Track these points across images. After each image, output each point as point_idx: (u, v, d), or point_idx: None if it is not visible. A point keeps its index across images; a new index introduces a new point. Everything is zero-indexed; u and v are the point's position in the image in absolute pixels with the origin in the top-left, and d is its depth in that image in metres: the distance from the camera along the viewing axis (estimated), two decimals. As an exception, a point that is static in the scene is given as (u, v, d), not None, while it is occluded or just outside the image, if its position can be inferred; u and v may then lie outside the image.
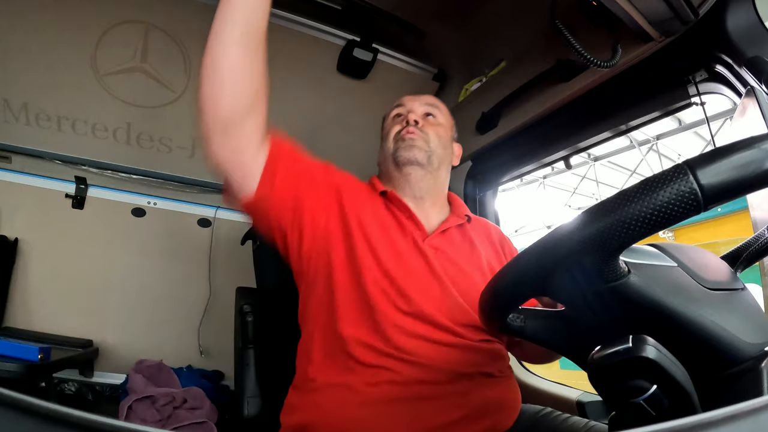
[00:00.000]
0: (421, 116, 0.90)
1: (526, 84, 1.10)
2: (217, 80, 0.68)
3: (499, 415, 0.72)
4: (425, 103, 0.93)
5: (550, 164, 1.38)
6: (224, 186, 0.79)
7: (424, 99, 0.94)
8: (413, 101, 0.93)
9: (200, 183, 1.78)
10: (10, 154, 1.56)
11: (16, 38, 1.28)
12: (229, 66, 0.69)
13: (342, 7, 1.35)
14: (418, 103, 0.93)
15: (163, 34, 1.33)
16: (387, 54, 1.45)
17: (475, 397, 0.69)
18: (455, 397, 0.68)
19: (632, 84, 0.97)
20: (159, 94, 1.47)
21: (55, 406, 0.18)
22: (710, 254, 0.48)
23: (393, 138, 0.89)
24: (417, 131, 0.87)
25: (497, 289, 0.45)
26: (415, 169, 0.87)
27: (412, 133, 0.87)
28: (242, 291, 1.10)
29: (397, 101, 0.96)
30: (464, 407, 0.68)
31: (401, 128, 0.89)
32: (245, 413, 0.90)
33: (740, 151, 0.31)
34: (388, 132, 0.92)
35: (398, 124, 0.90)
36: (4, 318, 1.51)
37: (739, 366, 0.37)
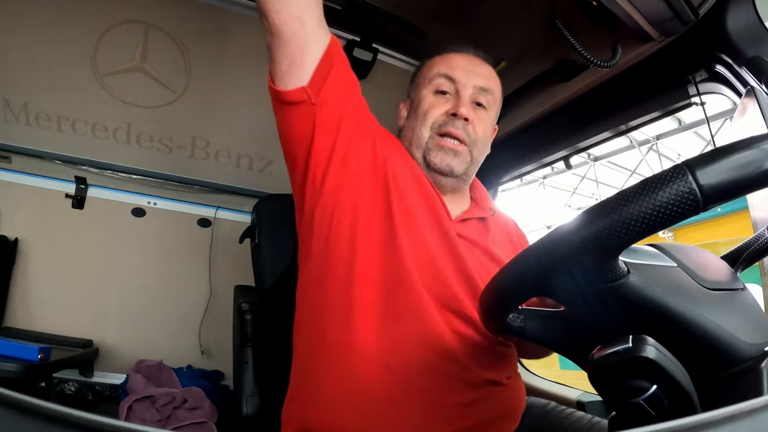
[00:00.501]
0: (472, 105, 0.75)
1: (526, 84, 1.10)
2: None
3: (503, 423, 0.71)
4: (481, 77, 0.76)
5: (550, 164, 1.38)
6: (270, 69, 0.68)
7: (480, 70, 0.77)
8: (468, 75, 0.75)
9: (200, 183, 1.78)
10: (10, 154, 1.56)
11: (16, 38, 1.28)
12: None
13: (342, 7, 1.35)
14: (474, 77, 0.75)
15: (163, 34, 1.33)
16: (387, 54, 1.45)
17: (481, 408, 0.67)
18: (461, 408, 0.65)
19: (632, 84, 0.97)
20: (159, 94, 1.47)
21: (55, 406, 0.18)
22: (710, 254, 0.48)
23: (430, 126, 0.75)
24: (463, 134, 0.74)
25: (497, 288, 0.45)
26: (448, 179, 0.76)
27: (457, 137, 0.74)
28: (241, 289, 1.10)
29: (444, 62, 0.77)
30: (469, 419, 0.65)
31: (445, 118, 0.74)
32: (244, 411, 0.90)
33: (740, 151, 0.31)
34: (426, 110, 0.75)
35: (441, 106, 0.75)
36: (4, 318, 1.51)
37: (739, 366, 0.37)
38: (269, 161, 1.75)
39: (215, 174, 1.76)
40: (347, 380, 0.65)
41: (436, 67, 0.78)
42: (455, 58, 0.78)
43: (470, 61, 0.78)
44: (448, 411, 0.64)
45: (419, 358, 0.64)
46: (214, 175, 1.76)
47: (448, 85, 0.76)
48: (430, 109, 0.76)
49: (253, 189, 1.82)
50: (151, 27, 1.31)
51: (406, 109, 0.84)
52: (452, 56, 0.79)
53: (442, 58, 0.80)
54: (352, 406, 0.64)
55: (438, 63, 0.79)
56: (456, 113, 0.73)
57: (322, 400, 0.67)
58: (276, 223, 0.89)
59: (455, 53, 0.80)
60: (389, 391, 0.64)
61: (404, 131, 0.82)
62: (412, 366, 0.64)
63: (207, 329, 1.77)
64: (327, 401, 0.67)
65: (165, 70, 1.42)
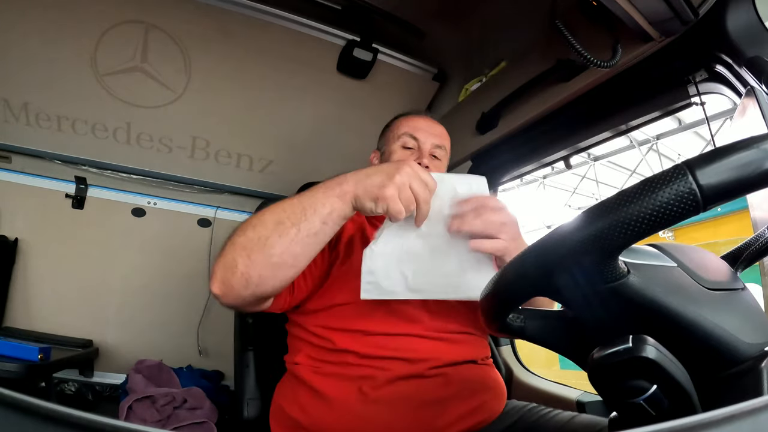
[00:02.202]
0: (431, 156, 0.91)
1: (526, 84, 1.10)
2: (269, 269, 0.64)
3: (487, 396, 0.77)
4: (436, 137, 0.93)
5: (550, 164, 1.38)
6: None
7: (434, 130, 0.94)
8: (427, 134, 0.92)
9: (200, 183, 1.78)
10: (10, 154, 1.57)
11: (16, 38, 1.28)
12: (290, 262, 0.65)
13: (342, 7, 1.35)
14: (431, 137, 0.92)
15: (163, 34, 1.33)
16: (387, 54, 1.45)
17: (461, 377, 0.75)
18: (442, 377, 0.74)
19: (632, 84, 0.97)
20: (159, 94, 1.47)
21: (55, 406, 0.18)
22: (710, 254, 0.48)
23: None
24: None
25: (497, 289, 0.45)
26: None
27: None
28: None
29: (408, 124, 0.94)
30: (452, 386, 0.73)
31: None
32: (245, 415, 0.90)
33: (740, 151, 0.31)
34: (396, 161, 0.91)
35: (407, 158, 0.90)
36: (4, 318, 1.51)
37: (739, 366, 0.37)
38: (269, 161, 1.75)
39: (215, 174, 1.76)
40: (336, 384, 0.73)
41: (402, 128, 0.94)
42: (417, 120, 0.95)
43: (428, 123, 0.95)
44: (432, 380, 0.73)
45: (399, 365, 0.73)
46: (214, 175, 1.76)
47: (412, 143, 0.92)
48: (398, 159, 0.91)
49: (253, 189, 1.82)
50: (151, 27, 1.31)
51: (377, 159, 0.99)
52: (415, 118, 0.96)
53: (407, 119, 0.96)
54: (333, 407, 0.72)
55: (404, 124, 0.95)
56: (420, 163, 0.88)
57: (304, 401, 0.74)
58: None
59: (416, 116, 0.97)
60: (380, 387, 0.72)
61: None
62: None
63: (206, 329, 1.77)
64: (309, 402, 0.73)
65: (165, 70, 1.42)
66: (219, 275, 0.65)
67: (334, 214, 0.63)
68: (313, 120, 1.64)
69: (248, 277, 0.63)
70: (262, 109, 1.59)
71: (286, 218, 0.63)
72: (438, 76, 1.56)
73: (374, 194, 0.62)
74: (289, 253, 0.63)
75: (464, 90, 1.43)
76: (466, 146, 1.33)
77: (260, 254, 0.62)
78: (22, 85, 1.39)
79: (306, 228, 0.62)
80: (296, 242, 0.62)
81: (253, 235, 0.63)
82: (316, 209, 0.63)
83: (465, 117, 1.31)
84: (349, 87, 1.52)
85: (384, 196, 0.61)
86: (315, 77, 1.49)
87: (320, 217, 0.63)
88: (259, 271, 0.63)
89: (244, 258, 0.63)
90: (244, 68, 1.45)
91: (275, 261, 0.63)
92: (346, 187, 0.63)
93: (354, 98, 1.57)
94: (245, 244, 0.63)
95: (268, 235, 0.62)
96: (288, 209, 0.63)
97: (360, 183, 0.63)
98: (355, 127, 1.64)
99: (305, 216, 0.62)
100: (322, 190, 0.64)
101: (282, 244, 0.62)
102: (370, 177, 0.63)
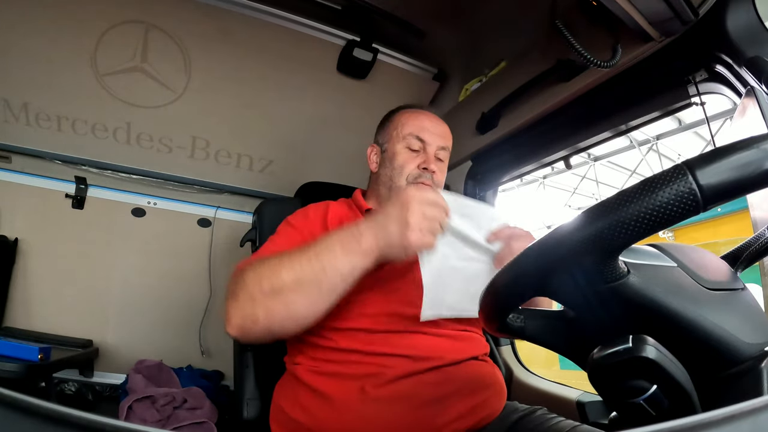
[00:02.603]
0: (435, 159, 0.91)
1: (526, 84, 1.10)
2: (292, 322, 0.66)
3: (487, 393, 0.77)
4: (442, 138, 0.92)
5: (550, 164, 1.38)
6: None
7: (440, 131, 0.93)
8: (433, 136, 0.91)
9: (200, 183, 1.78)
10: (10, 154, 1.57)
11: (16, 38, 1.28)
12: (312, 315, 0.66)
13: (342, 7, 1.35)
14: (437, 139, 0.91)
15: (163, 34, 1.33)
16: (387, 54, 1.45)
17: (462, 374, 0.75)
18: (444, 375, 0.74)
19: (632, 84, 0.97)
20: (159, 94, 1.47)
21: (55, 406, 0.18)
22: (710, 254, 0.48)
23: (406, 177, 0.89)
24: (431, 183, 0.89)
25: (497, 289, 0.45)
26: None
27: (428, 185, 0.88)
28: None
29: (415, 124, 0.92)
30: (453, 383, 0.73)
31: (418, 172, 0.89)
32: (244, 415, 0.90)
33: (740, 151, 0.31)
34: (401, 164, 0.90)
35: (413, 161, 0.90)
36: (4, 318, 1.51)
37: (739, 366, 0.37)
38: (269, 161, 1.75)
39: (215, 174, 1.76)
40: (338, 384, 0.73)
41: (408, 127, 0.92)
42: (423, 119, 0.93)
43: (434, 123, 0.93)
44: (435, 376, 0.73)
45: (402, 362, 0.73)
46: (214, 175, 1.76)
47: (418, 144, 0.91)
48: (405, 164, 0.90)
49: (253, 189, 1.82)
50: (151, 27, 1.31)
51: (376, 155, 0.96)
52: (421, 117, 0.93)
53: (413, 117, 0.93)
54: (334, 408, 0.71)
55: (410, 123, 0.92)
56: (427, 168, 0.89)
57: (305, 402, 0.74)
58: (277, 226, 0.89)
59: (422, 113, 0.94)
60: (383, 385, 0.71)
61: (380, 177, 0.94)
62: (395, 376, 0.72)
63: (207, 329, 1.77)
64: (310, 402, 0.73)
65: (165, 70, 1.42)
66: (237, 323, 0.66)
67: (356, 272, 0.64)
68: (313, 120, 1.64)
69: (270, 327, 0.65)
70: (262, 109, 1.59)
71: (306, 277, 0.63)
72: (438, 76, 1.56)
73: (399, 244, 0.62)
74: (311, 310, 0.65)
75: (464, 90, 1.43)
76: (466, 146, 1.33)
77: (282, 311, 0.64)
78: (22, 85, 1.39)
79: (327, 286, 0.64)
80: (318, 300, 0.64)
81: (270, 290, 0.64)
82: (336, 267, 0.63)
83: (465, 117, 1.31)
84: (349, 87, 1.52)
85: (409, 241, 0.62)
86: (315, 77, 1.49)
87: (341, 276, 0.64)
88: (281, 323, 0.65)
89: (264, 312, 0.64)
90: (244, 68, 1.45)
91: (296, 316, 0.65)
92: (366, 243, 0.63)
93: (354, 98, 1.57)
94: (265, 302, 0.64)
95: (287, 293, 0.64)
96: (306, 266, 0.64)
97: (380, 237, 0.63)
98: (355, 127, 1.64)
99: (325, 274, 0.63)
100: (339, 245, 0.64)
101: (303, 303, 0.64)
102: (386, 228, 0.63)
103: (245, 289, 0.66)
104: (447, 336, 0.78)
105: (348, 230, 0.65)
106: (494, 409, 0.78)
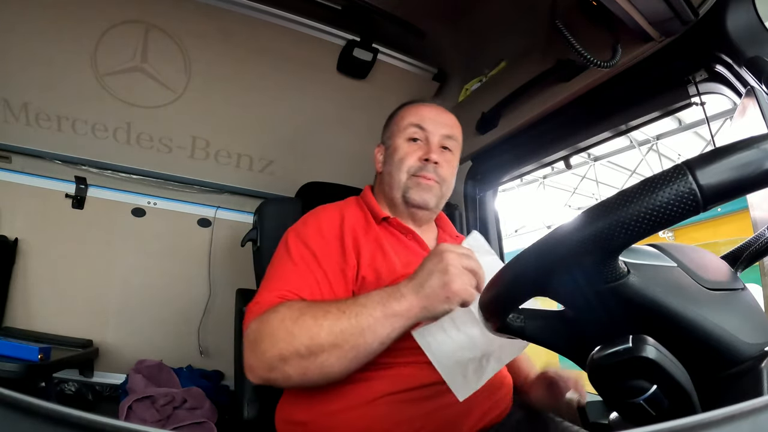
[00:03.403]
0: (440, 150, 0.86)
1: (526, 84, 1.10)
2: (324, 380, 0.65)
3: (499, 394, 0.77)
4: (446, 126, 0.87)
5: (550, 164, 1.38)
6: None
7: (444, 119, 0.88)
8: (435, 124, 0.86)
9: (200, 183, 1.78)
10: (10, 154, 1.56)
11: (16, 38, 1.28)
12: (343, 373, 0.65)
13: (342, 7, 1.35)
14: (440, 127, 0.86)
15: (163, 34, 1.33)
16: (387, 54, 1.45)
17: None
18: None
19: (632, 84, 0.97)
20: (159, 94, 1.47)
21: (55, 406, 0.18)
22: (710, 254, 0.48)
23: (407, 170, 0.85)
24: (434, 176, 0.85)
25: (497, 288, 0.45)
26: (424, 212, 0.88)
27: (430, 179, 0.84)
28: (242, 293, 1.10)
29: (415, 113, 0.87)
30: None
31: (419, 164, 0.85)
32: (245, 415, 0.90)
33: (740, 152, 0.31)
34: (401, 157, 0.85)
35: (414, 153, 0.85)
36: (4, 318, 1.51)
37: (739, 366, 0.37)
38: (269, 161, 1.75)
39: (215, 174, 1.76)
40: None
41: (408, 118, 0.88)
42: (424, 109, 0.89)
43: (437, 111, 0.89)
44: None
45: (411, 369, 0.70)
46: (214, 175, 1.76)
47: (419, 134, 0.86)
48: (405, 156, 0.86)
49: (253, 189, 1.82)
50: (151, 27, 1.31)
51: (381, 154, 0.93)
52: (421, 107, 0.89)
53: (413, 108, 0.90)
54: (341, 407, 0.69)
55: (409, 114, 0.88)
56: (428, 159, 0.84)
57: (311, 403, 0.72)
58: (278, 225, 0.89)
59: (423, 104, 0.90)
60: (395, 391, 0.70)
61: (383, 176, 0.91)
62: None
63: (207, 329, 1.77)
64: (316, 404, 0.71)
65: (165, 70, 1.42)
66: (262, 375, 0.64)
67: (395, 334, 0.63)
68: (313, 120, 1.64)
69: (302, 383, 0.65)
70: (262, 109, 1.59)
71: (344, 341, 0.61)
72: (438, 76, 1.56)
73: (443, 296, 0.60)
74: (345, 370, 0.64)
75: (464, 90, 1.43)
76: (466, 146, 1.32)
77: (316, 372, 0.62)
78: (22, 85, 1.39)
79: (365, 350, 0.62)
80: (354, 361, 0.63)
81: (306, 352, 0.61)
82: (376, 332, 0.61)
83: (465, 117, 1.31)
84: (349, 87, 1.52)
85: (454, 291, 0.60)
86: (315, 77, 1.49)
87: (380, 339, 0.62)
88: (315, 382, 0.64)
89: (298, 370, 0.62)
90: (244, 68, 1.45)
91: (332, 376, 0.64)
92: (407, 303, 0.61)
93: (354, 98, 1.57)
94: (300, 362, 0.61)
95: (324, 355, 0.61)
96: (346, 329, 0.61)
97: (421, 294, 0.61)
98: (355, 127, 1.64)
99: (364, 339, 0.61)
100: (381, 309, 0.62)
101: (339, 365, 0.62)
102: (427, 282, 0.61)
103: (275, 345, 0.62)
104: None
105: (389, 291, 0.63)
106: (504, 409, 0.78)
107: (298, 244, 0.77)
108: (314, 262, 0.75)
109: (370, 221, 0.86)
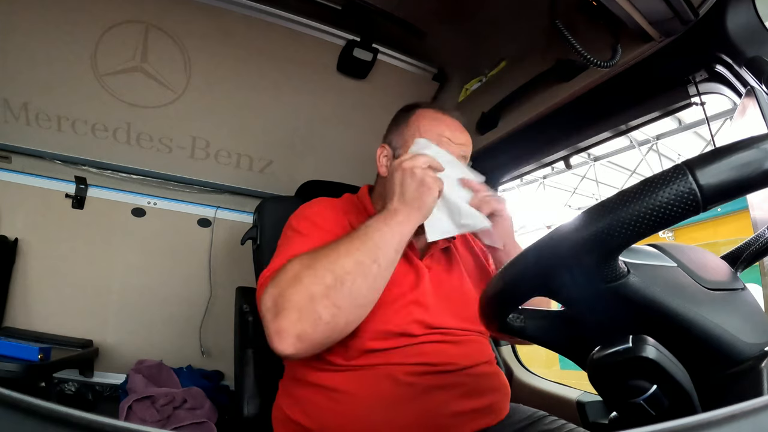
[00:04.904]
0: None
1: (526, 84, 1.10)
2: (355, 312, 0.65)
3: (497, 396, 0.77)
4: (463, 146, 0.85)
5: (550, 164, 1.38)
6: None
7: (464, 138, 0.86)
8: (455, 147, 0.83)
9: (200, 183, 1.78)
10: (10, 154, 1.56)
11: (16, 38, 1.28)
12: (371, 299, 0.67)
13: (342, 7, 1.35)
14: (458, 149, 0.84)
15: (163, 34, 1.33)
16: (387, 54, 1.45)
17: (471, 377, 0.76)
18: (453, 377, 0.74)
19: (632, 84, 0.97)
20: (159, 94, 1.47)
21: (55, 406, 0.18)
22: (710, 254, 0.48)
23: None
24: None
25: (497, 289, 0.45)
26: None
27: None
28: (242, 291, 1.10)
29: (436, 131, 0.83)
30: (463, 386, 0.74)
31: None
32: (245, 413, 0.90)
33: (740, 152, 0.31)
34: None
35: None
36: (4, 318, 1.51)
37: (739, 366, 0.37)
38: (269, 161, 1.75)
39: (215, 174, 1.76)
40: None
41: (437, 127, 0.84)
42: (444, 128, 0.84)
43: (458, 132, 0.85)
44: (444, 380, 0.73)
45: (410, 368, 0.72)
46: (214, 175, 1.76)
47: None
48: None
49: (253, 189, 1.82)
50: (151, 27, 1.31)
51: (386, 157, 0.88)
52: (442, 126, 0.85)
53: (434, 124, 0.85)
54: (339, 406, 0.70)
55: (431, 130, 0.83)
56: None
57: (308, 400, 0.73)
58: (278, 224, 0.89)
59: (443, 120, 0.86)
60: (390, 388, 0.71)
61: (388, 184, 0.86)
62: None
63: (207, 329, 1.77)
64: (313, 402, 0.72)
65: (165, 70, 1.42)
66: (293, 332, 0.60)
67: (404, 240, 0.69)
68: (313, 120, 1.64)
69: (334, 326, 0.62)
70: (262, 109, 1.59)
71: (364, 258, 0.65)
72: (438, 76, 1.55)
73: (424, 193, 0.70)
74: (373, 291, 0.66)
75: (464, 90, 1.43)
76: (466, 146, 1.33)
77: (347, 299, 0.62)
78: (22, 85, 1.39)
79: (384, 261, 0.66)
80: (378, 277, 0.65)
81: (334, 280, 0.62)
82: (388, 241, 0.67)
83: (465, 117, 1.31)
84: (349, 87, 1.52)
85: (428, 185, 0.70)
86: (315, 77, 1.49)
87: (394, 248, 0.68)
88: (346, 317, 0.63)
89: (329, 308, 0.61)
90: (244, 68, 1.45)
91: (361, 302, 0.65)
92: (402, 213, 0.70)
93: (354, 98, 1.56)
94: (329, 295, 0.61)
95: (351, 278, 0.63)
96: (362, 247, 0.65)
97: (407, 201, 0.70)
98: (355, 127, 1.64)
99: (381, 250, 0.66)
100: (383, 224, 0.68)
101: (366, 284, 0.64)
102: (405, 191, 0.71)
103: (301, 288, 0.62)
104: (454, 342, 0.77)
105: (383, 214, 0.70)
106: (501, 412, 0.78)
107: (301, 221, 0.80)
108: (321, 230, 0.77)
109: (362, 219, 0.86)
